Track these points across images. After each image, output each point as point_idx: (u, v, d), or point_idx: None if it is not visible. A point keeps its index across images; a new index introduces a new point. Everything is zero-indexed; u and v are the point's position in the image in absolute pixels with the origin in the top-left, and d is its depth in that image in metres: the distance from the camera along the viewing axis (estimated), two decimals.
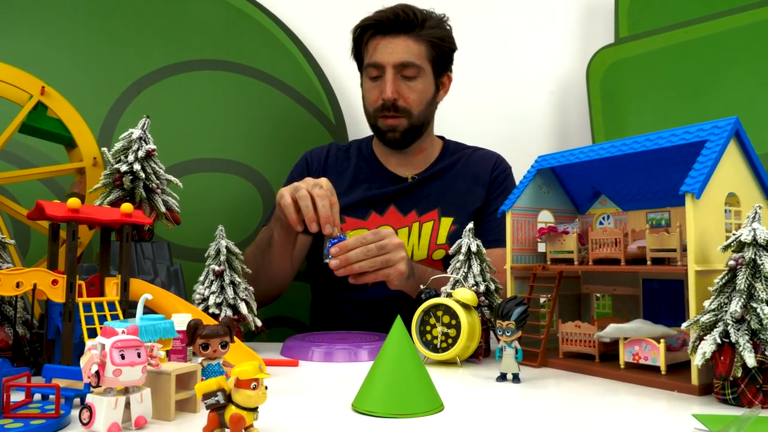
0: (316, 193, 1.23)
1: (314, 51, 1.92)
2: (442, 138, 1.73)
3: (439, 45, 1.56)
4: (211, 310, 1.11)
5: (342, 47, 1.94)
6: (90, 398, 0.66)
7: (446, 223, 1.55)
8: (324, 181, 1.27)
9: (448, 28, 1.59)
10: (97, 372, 0.65)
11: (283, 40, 1.89)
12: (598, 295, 1.24)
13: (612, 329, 1.00)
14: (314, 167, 1.66)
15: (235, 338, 0.81)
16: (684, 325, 0.86)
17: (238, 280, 1.15)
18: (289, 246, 1.46)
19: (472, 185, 1.60)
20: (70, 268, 0.89)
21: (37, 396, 0.78)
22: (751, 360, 0.76)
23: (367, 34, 1.55)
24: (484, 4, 2.04)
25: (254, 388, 0.63)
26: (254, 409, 0.64)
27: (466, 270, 1.15)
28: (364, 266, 1.23)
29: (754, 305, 0.78)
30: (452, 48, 1.61)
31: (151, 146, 1.17)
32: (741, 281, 0.79)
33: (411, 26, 1.52)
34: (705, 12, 1.74)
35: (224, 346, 0.77)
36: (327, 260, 1.24)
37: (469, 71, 1.99)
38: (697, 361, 0.81)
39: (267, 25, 1.89)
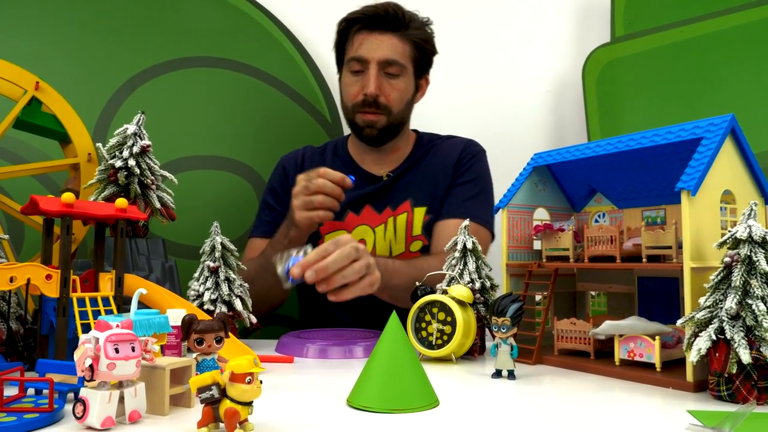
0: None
1: (309, 48, 1.92)
2: (415, 131, 1.72)
3: (422, 47, 1.56)
4: (206, 307, 1.11)
5: None
6: (84, 392, 0.65)
7: (420, 213, 1.55)
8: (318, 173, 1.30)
9: (430, 31, 1.60)
10: (90, 366, 0.64)
11: (278, 36, 1.89)
12: (594, 292, 1.24)
13: (607, 326, 1.00)
14: (291, 172, 1.64)
15: (230, 334, 0.80)
16: (679, 321, 0.86)
17: (233, 276, 1.15)
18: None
19: (441, 172, 1.59)
20: (64, 263, 0.89)
21: (31, 390, 0.78)
22: (746, 356, 0.76)
23: (354, 27, 1.54)
24: (480, 3, 2.04)
25: (249, 383, 0.62)
26: (249, 404, 0.64)
27: (461, 267, 1.15)
28: (347, 275, 1.12)
29: (750, 302, 0.78)
30: (434, 51, 1.62)
31: (146, 142, 1.17)
32: (736, 278, 0.79)
33: (398, 25, 1.52)
34: (700, 12, 1.75)
35: (219, 341, 0.77)
36: (288, 284, 1.10)
37: (466, 70, 1.99)
38: (692, 357, 0.81)
39: (262, 22, 1.88)
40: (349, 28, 1.55)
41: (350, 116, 1.57)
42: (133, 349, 0.67)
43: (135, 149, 1.15)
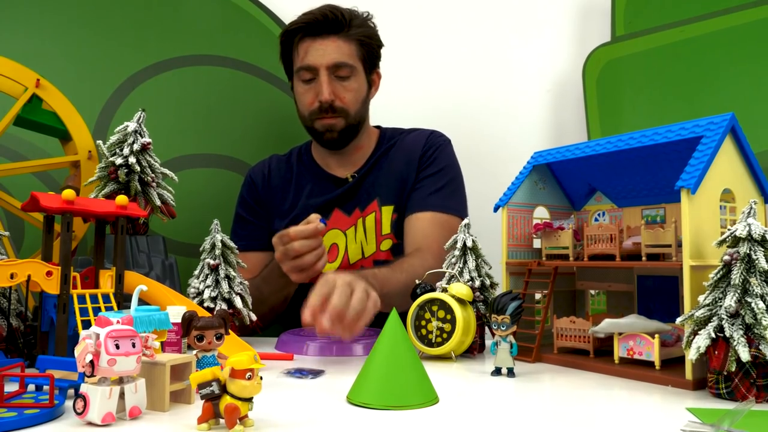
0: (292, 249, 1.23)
1: None
2: (378, 127, 1.71)
3: (367, 43, 1.55)
4: (206, 304, 1.11)
5: None
6: (84, 388, 0.66)
7: (387, 212, 1.55)
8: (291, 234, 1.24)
9: (372, 25, 1.58)
10: (91, 361, 0.64)
11: (277, 34, 1.89)
12: (593, 291, 1.24)
13: (606, 324, 1.00)
14: (259, 184, 1.65)
15: (230, 331, 0.81)
16: (679, 319, 0.86)
17: (233, 274, 1.15)
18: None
19: (405, 167, 1.58)
20: (65, 260, 0.89)
21: (32, 386, 0.78)
22: (745, 354, 0.76)
23: (296, 37, 1.53)
24: (480, 2, 2.04)
25: (249, 379, 0.63)
26: (249, 400, 0.64)
27: (461, 265, 1.15)
28: (356, 308, 1.02)
29: (749, 300, 0.78)
30: (380, 45, 1.60)
31: (147, 139, 1.17)
32: (736, 276, 0.79)
33: (340, 26, 1.50)
34: (701, 11, 1.75)
35: (219, 338, 0.77)
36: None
37: (466, 69, 1.99)
38: (691, 355, 0.81)
39: (262, 20, 1.88)
40: (292, 38, 1.55)
41: (308, 123, 1.56)
42: (133, 345, 0.67)
43: (135, 147, 1.16)
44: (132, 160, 1.14)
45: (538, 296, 1.19)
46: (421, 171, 1.57)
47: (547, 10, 2.03)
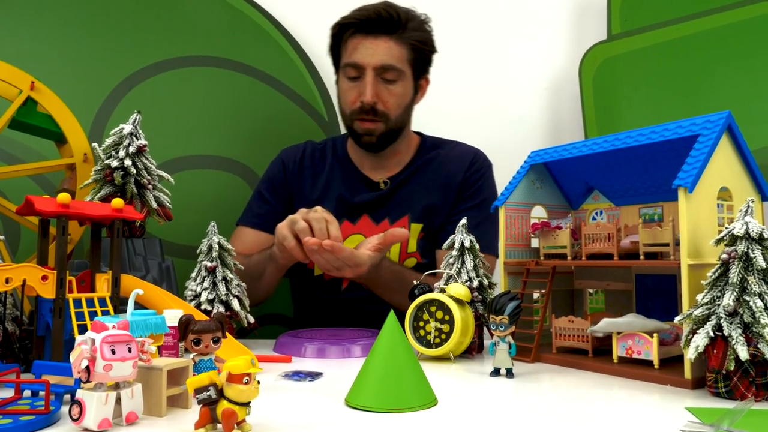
0: (312, 216, 1.22)
1: (306, 47, 1.91)
2: (419, 134, 1.68)
3: (420, 48, 1.51)
4: (203, 307, 1.11)
5: None
6: (80, 393, 0.65)
7: (416, 229, 1.52)
8: (317, 209, 1.25)
9: (429, 29, 1.54)
10: (87, 367, 0.64)
11: (275, 36, 1.89)
12: (591, 290, 1.24)
13: (605, 324, 1.00)
14: (290, 168, 1.63)
15: (227, 334, 0.80)
16: (677, 318, 0.86)
17: (231, 276, 1.15)
18: (280, 276, 1.45)
19: (443, 187, 1.55)
20: (60, 264, 0.88)
21: (27, 392, 0.77)
22: (743, 353, 0.76)
23: (347, 32, 1.50)
24: (476, 1, 2.04)
25: (246, 383, 0.62)
26: (246, 404, 0.64)
27: (459, 265, 1.15)
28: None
29: (747, 298, 0.78)
30: (433, 50, 1.57)
31: (142, 142, 1.17)
32: (734, 275, 0.79)
33: (393, 27, 1.47)
34: (697, 9, 1.75)
35: (216, 341, 0.77)
36: None
37: (462, 69, 1.99)
38: (690, 354, 0.81)
39: (259, 21, 1.88)
40: (343, 32, 1.51)
41: (348, 122, 1.54)
42: (129, 350, 0.66)
43: (131, 149, 1.15)
44: (128, 162, 1.14)
45: (536, 295, 1.19)
46: (461, 200, 1.53)
47: (543, 8, 2.03)
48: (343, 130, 1.90)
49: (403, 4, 1.52)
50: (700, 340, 0.80)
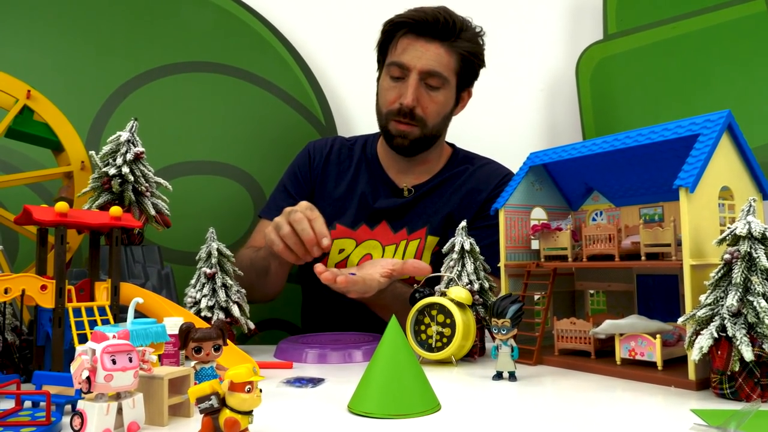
0: (294, 219, 1.21)
1: (302, 51, 1.91)
2: (452, 146, 1.66)
3: (469, 60, 1.49)
4: (203, 314, 1.10)
5: (330, 47, 1.94)
6: (81, 404, 0.65)
7: (432, 242, 1.50)
8: (301, 205, 1.24)
9: (481, 42, 1.52)
10: (88, 378, 0.64)
11: (270, 41, 1.88)
12: (592, 291, 1.23)
13: (607, 325, 1.00)
14: (316, 160, 1.61)
15: (228, 341, 0.80)
16: (680, 319, 0.85)
17: (230, 282, 1.14)
18: (287, 270, 1.44)
19: (466, 203, 1.52)
20: (59, 273, 0.88)
21: (28, 403, 0.77)
22: (748, 354, 0.76)
23: (400, 30, 1.47)
24: (471, 2, 2.04)
25: (248, 391, 0.62)
26: (249, 413, 0.63)
27: (460, 269, 1.14)
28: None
29: (751, 298, 0.78)
30: (481, 65, 1.54)
31: (140, 149, 1.16)
32: (737, 275, 0.79)
33: (447, 34, 1.44)
34: (693, 7, 1.75)
35: (217, 349, 0.76)
36: None
37: None
38: (694, 355, 0.81)
39: (254, 26, 1.87)
40: (395, 30, 1.48)
41: (383, 122, 1.51)
42: (130, 360, 0.66)
43: (128, 156, 1.14)
44: (125, 169, 1.13)
45: (537, 298, 1.18)
46: (479, 218, 1.50)
47: (538, 8, 2.03)
48: (341, 133, 1.90)
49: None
50: (704, 341, 0.79)
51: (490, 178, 1.55)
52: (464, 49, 1.47)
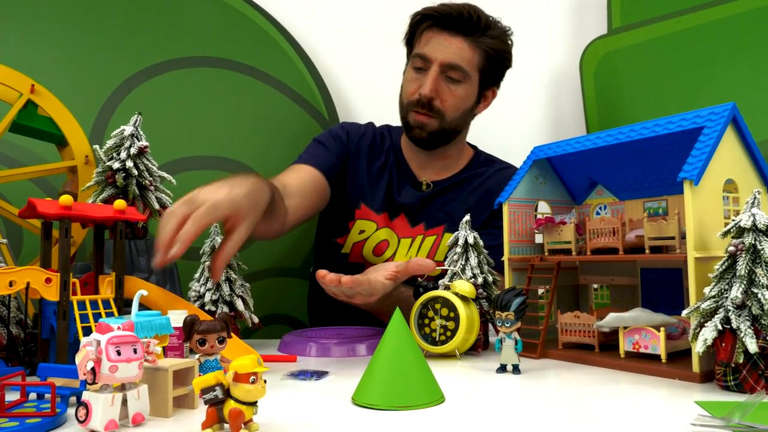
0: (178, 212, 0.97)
1: (306, 47, 1.91)
2: (474, 148, 1.66)
3: (493, 58, 1.49)
4: (207, 307, 1.10)
5: (334, 43, 1.94)
6: (86, 395, 0.65)
7: (447, 239, 1.49)
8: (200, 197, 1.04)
9: (508, 42, 1.52)
10: (92, 369, 0.64)
11: (274, 36, 1.88)
12: (596, 285, 1.23)
13: (611, 318, 1.00)
14: (352, 136, 1.61)
15: (232, 334, 0.80)
16: (684, 312, 0.85)
17: (234, 276, 1.14)
18: (273, 217, 1.23)
19: (482, 203, 1.52)
20: (64, 266, 0.88)
21: (33, 395, 0.77)
22: (752, 346, 0.76)
23: (425, 23, 1.48)
24: None
25: (253, 382, 0.62)
26: (253, 404, 0.63)
27: (463, 262, 1.14)
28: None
29: (755, 291, 0.77)
30: (507, 64, 1.55)
31: (144, 143, 1.16)
32: (741, 267, 0.78)
33: (471, 29, 1.45)
34: (698, 1, 1.74)
35: (221, 341, 0.76)
36: None
37: None
38: (698, 348, 0.81)
39: (258, 22, 1.87)
40: (421, 23, 1.49)
41: (404, 113, 1.52)
42: (135, 351, 0.66)
43: (132, 150, 1.15)
44: (129, 164, 1.14)
45: (541, 291, 1.18)
46: (494, 218, 1.49)
47: (542, 3, 2.02)
48: None
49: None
50: (708, 333, 0.79)
51: (509, 181, 1.55)
52: (489, 46, 1.47)
